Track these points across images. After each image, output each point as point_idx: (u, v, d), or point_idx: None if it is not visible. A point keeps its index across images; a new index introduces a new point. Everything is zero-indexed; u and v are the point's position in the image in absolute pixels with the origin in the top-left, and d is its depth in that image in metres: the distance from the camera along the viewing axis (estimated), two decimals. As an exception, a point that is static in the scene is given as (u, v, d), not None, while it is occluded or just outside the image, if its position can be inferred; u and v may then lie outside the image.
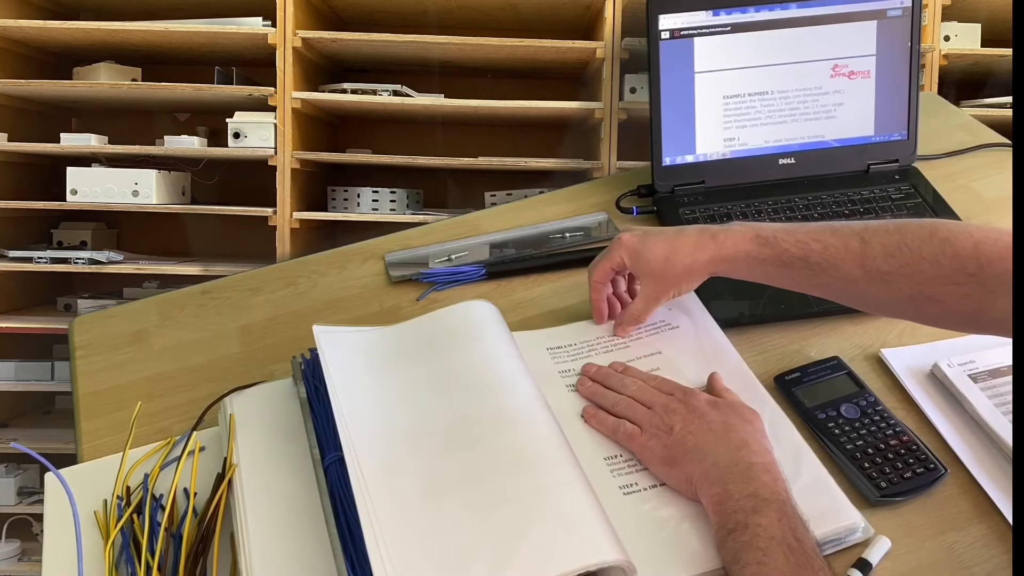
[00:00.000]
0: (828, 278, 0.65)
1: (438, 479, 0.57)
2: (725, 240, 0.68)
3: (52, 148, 1.61)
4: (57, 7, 1.76)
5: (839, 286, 0.65)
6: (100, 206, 1.59)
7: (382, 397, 0.64)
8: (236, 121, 1.59)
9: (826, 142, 1.01)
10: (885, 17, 0.99)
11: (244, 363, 0.80)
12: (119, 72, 1.68)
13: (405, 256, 0.93)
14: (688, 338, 0.76)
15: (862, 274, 0.63)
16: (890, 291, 0.63)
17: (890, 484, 0.63)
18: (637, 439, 0.64)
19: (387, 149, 1.73)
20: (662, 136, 1.00)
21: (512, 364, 0.67)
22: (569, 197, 1.04)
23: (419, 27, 1.71)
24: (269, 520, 0.60)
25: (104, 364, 0.81)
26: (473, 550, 0.51)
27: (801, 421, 0.69)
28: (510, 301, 0.86)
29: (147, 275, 1.73)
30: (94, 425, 0.75)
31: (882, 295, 0.64)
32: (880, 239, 0.63)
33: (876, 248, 0.63)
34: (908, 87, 1.00)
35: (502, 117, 1.76)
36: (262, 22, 1.57)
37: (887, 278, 0.62)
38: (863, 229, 0.65)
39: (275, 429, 0.67)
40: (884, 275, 0.63)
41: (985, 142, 1.08)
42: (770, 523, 0.53)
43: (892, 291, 0.63)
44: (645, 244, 0.72)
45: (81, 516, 0.63)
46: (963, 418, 0.69)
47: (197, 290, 0.90)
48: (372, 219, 1.63)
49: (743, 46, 0.98)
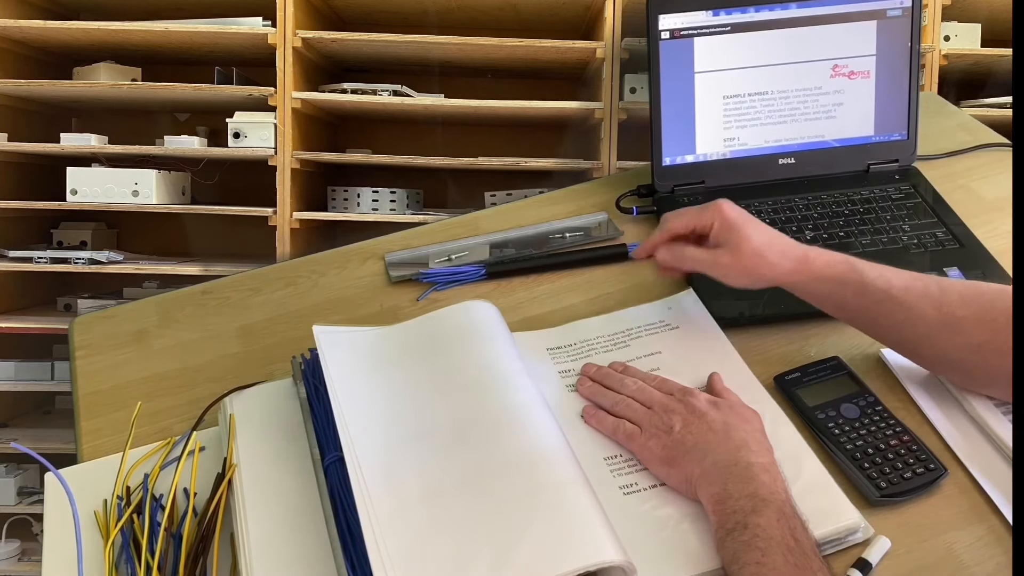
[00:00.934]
0: (903, 316, 0.67)
1: (438, 479, 0.57)
2: (817, 258, 0.69)
3: (52, 148, 1.61)
4: (57, 7, 1.76)
5: (912, 326, 0.67)
6: (100, 206, 1.59)
7: (382, 397, 0.64)
8: (236, 121, 1.59)
9: (826, 142, 1.01)
10: (885, 17, 0.99)
11: (244, 363, 0.80)
12: (119, 72, 1.67)
13: (405, 256, 0.93)
14: (688, 338, 0.76)
15: (936, 316, 0.65)
16: (959, 337, 0.65)
17: (890, 484, 0.63)
18: (637, 439, 0.64)
19: (387, 149, 1.73)
20: (662, 136, 1.00)
21: (512, 364, 0.67)
22: (569, 197, 1.04)
23: (419, 27, 1.71)
24: (269, 520, 0.60)
25: (104, 364, 0.81)
26: (473, 550, 0.51)
27: (801, 421, 0.69)
28: (510, 301, 0.86)
29: (147, 275, 1.73)
30: (94, 425, 0.75)
31: (951, 341, 0.65)
32: (957, 288, 0.66)
33: (953, 295, 0.66)
34: (908, 87, 1.00)
35: (502, 117, 1.76)
36: (262, 22, 1.57)
37: (960, 324, 0.64)
38: (941, 279, 0.68)
39: (275, 429, 0.67)
40: (958, 320, 0.65)
41: (985, 142, 1.08)
42: (769, 523, 0.53)
43: (961, 337, 0.65)
44: (744, 223, 0.70)
45: (81, 516, 0.63)
46: (963, 418, 0.69)
47: (197, 290, 0.90)
48: (372, 219, 1.63)
49: (743, 46, 0.98)
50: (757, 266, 0.69)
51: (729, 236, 0.70)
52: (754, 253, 0.69)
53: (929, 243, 0.90)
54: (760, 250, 0.69)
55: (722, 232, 0.71)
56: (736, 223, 0.70)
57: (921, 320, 0.66)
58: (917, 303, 0.66)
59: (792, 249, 0.70)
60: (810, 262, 0.69)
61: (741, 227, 0.70)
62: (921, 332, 0.67)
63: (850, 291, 0.68)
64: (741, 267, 0.70)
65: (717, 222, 0.71)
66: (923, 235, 0.91)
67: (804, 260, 0.69)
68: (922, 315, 0.66)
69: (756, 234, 0.70)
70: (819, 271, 0.69)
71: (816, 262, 0.69)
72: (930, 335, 0.66)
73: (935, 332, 0.66)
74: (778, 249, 0.69)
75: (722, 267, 0.71)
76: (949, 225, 0.91)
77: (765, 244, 0.69)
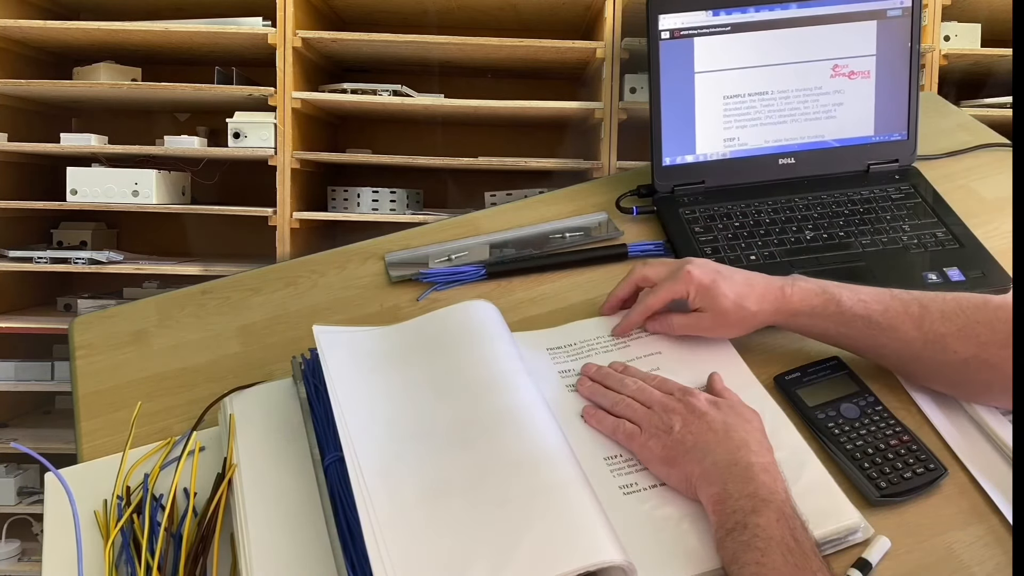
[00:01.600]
0: (886, 339, 0.68)
1: (438, 479, 0.57)
2: (792, 294, 0.71)
3: (52, 148, 1.61)
4: (57, 7, 1.76)
5: (896, 348, 0.68)
6: (100, 206, 1.59)
7: (382, 397, 0.64)
8: (236, 121, 1.59)
9: (826, 142, 1.01)
10: (885, 17, 0.99)
11: (244, 363, 0.80)
12: (119, 72, 1.68)
13: (405, 256, 0.93)
14: (688, 338, 0.76)
15: (919, 336, 0.66)
16: (945, 354, 0.66)
17: (890, 484, 0.63)
18: (637, 439, 0.64)
19: (387, 149, 1.73)
20: (662, 136, 1.00)
21: (512, 364, 0.67)
22: (569, 197, 1.04)
23: (419, 27, 1.71)
24: (269, 520, 0.60)
25: (104, 364, 0.81)
26: (473, 550, 0.51)
27: (801, 421, 0.69)
28: (510, 301, 0.86)
29: (147, 275, 1.73)
30: (94, 425, 0.75)
31: (938, 358, 0.66)
32: (938, 304, 0.67)
33: (934, 312, 0.66)
34: (908, 87, 1.00)
35: (502, 117, 1.76)
36: (262, 22, 1.57)
37: (943, 340, 0.65)
38: (921, 295, 0.68)
39: (275, 429, 0.67)
40: (940, 337, 0.65)
41: (985, 142, 1.08)
42: (769, 523, 0.53)
43: (947, 354, 0.66)
44: (717, 282, 0.71)
45: (81, 516, 0.63)
46: (963, 418, 0.69)
47: (197, 290, 0.90)
48: (372, 219, 1.63)
49: (743, 46, 0.98)
50: (740, 319, 0.71)
51: (705, 299, 0.72)
52: (733, 309, 0.71)
53: (929, 243, 0.90)
54: (738, 303, 0.71)
55: (698, 297, 0.72)
56: (709, 287, 0.71)
57: (904, 342, 0.67)
58: (898, 325, 0.67)
59: (768, 291, 0.71)
60: (787, 299, 0.71)
61: (715, 288, 0.71)
62: (906, 354, 0.68)
63: (831, 322, 0.70)
64: (725, 324, 0.72)
65: (692, 290, 0.72)
66: (923, 235, 0.91)
67: (781, 299, 0.71)
68: (905, 336, 0.67)
69: (730, 290, 0.71)
70: (797, 306, 0.70)
71: (793, 298, 0.70)
72: (916, 355, 0.68)
73: (920, 351, 0.67)
74: (756, 295, 0.71)
75: (708, 329, 0.73)
76: (949, 225, 0.91)
77: (742, 296, 0.71)
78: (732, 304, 0.71)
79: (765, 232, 0.93)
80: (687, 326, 0.74)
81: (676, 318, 0.75)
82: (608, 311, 0.80)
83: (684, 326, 0.74)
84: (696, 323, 0.73)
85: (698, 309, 0.73)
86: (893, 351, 0.69)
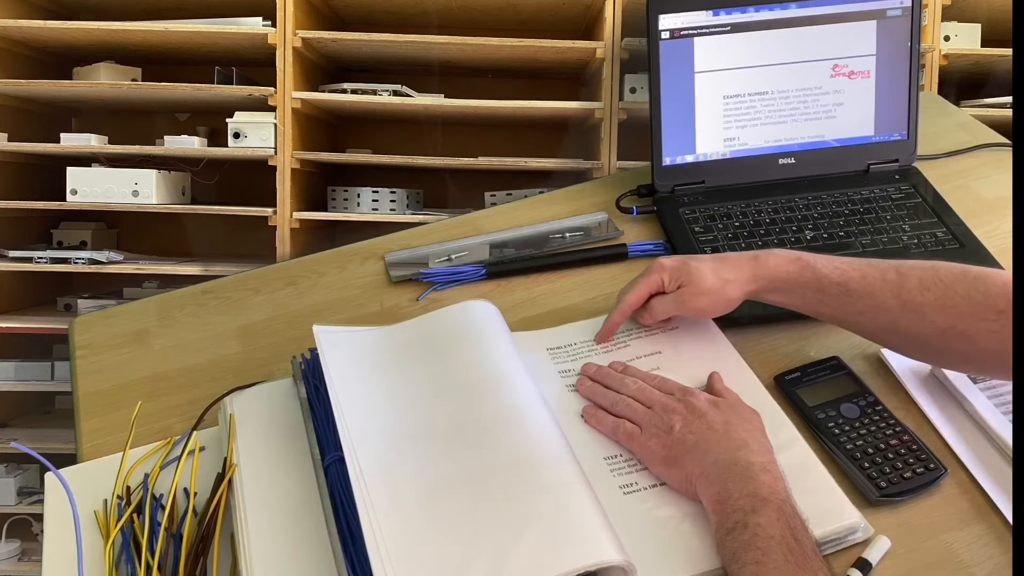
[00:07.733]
0: (863, 306, 0.67)
1: (438, 479, 0.57)
2: (767, 260, 0.71)
3: (52, 148, 1.61)
4: (57, 7, 1.76)
5: (872, 315, 0.67)
6: (100, 206, 1.59)
7: (382, 397, 0.64)
8: (236, 121, 1.59)
9: (826, 142, 1.01)
10: (885, 17, 0.99)
11: (244, 363, 0.80)
12: (119, 72, 1.68)
13: (405, 256, 0.93)
14: (688, 338, 0.76)
15: (897, 304, 0.66)
16: (922, 323, 0.65)
17: (890, 484, 0.63)
18: (637, 439, 0.64)
19: (387, 149, 1.73)
20: (662, 136, 1.00)
21: (512, 364, 0.67)
22: (569, 197, 1.04)
23: (419, 27, 1.71)
24: (269, 520, 0.60)
25: (104, 364, 0.81)
26: (473, 550, 0.51)
27: (801, 421, 0.69)
28: (510, 301, 0.86)
29: (147, 275, 1.73)
30: (94, 425, 0.75)
31: (914, 327, 0.65)
32: (916, 273, 0.66)
33: (912, 280, 0.65)
34: (908, 87, 1.00)
35: (502, 117, 1.76)
36: (262, 22, 1.57)
37: (921, 310, 0.65)
38: (899, 264, 0.67)
39: (275, 429, 0.67)
40: (918, 307, 0.65)
41: (985, 142, 1.08)
42: (769, 523, 0.53)
43: (924, 323, 0.65)
44: (687, 260, 0.73)
45: (81, 516, 0.63)
46: (963, 418, 0.69)
47: (197, 290, 0.90)
48: (372, 219, 1.63)
49: (743, 46, 0.98)
50: (719, 288, 0.71)
51: (681, 275, 0.72)
52: (710, 275, 0.71)
53: (929, 243, 0.90)
54: (715, 271, 0.71)
55: (674, 278, 0.73)
56: (681, 266, 0.73)
57: (882, 310, 0.67)
58: (876, 292, 0.66)
59: (742, 259, 0.72)
60: (762, 265, 0.71)
61: (687, 264, 0.72)
62: (884, 322, 0.67)
63: (808, 288, 0.69)
64: (706, 295, 0.72)
65: (665, 275, 0.73)
66: (923, 235, 0.91)
67: (756, 266, 0.71)
68: (883, 304, 0.66)
69: (703, 264, 0.72)
70: (773, 272, 0.70)
71: (768, 263, 0.71)
72: (894, 323, 0.67)
73: (898, 319, 0.66)
74: (730, 265, 0.71)
75: (689, 303, 0.73)
76: (949, 225, 0.91)
77: (716, 266, 0.71)
78: (709, 271, 0.71)
79: (765, 232, 0.93)
80: (669, 306, 0.74)
81: (657, 301, 0.74)
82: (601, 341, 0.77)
83: (666, 307, 0.74)
84: (676, 300, 0.73)
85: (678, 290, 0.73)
86: (870, 319, 0.68)
